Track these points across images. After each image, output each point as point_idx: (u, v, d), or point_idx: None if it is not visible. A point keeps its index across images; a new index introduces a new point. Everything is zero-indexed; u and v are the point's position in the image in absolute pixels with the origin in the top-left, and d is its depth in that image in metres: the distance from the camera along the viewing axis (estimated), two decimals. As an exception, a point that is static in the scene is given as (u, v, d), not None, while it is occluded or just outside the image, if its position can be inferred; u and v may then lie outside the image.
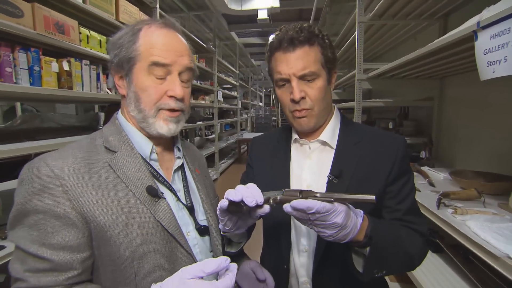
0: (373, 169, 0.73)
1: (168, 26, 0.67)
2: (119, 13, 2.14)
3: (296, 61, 0.70)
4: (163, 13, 2.95)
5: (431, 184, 1.60)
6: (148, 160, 0.68)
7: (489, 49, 0.88)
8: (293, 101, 0.73)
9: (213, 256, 0.74)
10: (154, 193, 0.63)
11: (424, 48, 1.39)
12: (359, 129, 0.81)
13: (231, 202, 0.59)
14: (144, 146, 0.68)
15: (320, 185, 0.75)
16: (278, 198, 0.59)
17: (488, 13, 0.89)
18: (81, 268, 0.57)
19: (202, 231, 0.71)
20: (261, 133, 1.04)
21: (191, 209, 0.71)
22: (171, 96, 0.65)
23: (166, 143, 0.73)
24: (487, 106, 1.72)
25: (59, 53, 1.64)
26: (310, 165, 0.79)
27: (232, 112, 8.00)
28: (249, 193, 0.58)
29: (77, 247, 0.57)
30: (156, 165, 0.69)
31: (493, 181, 1.42)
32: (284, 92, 0.75)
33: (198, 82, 4.49)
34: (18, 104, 3.27)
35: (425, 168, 1.91)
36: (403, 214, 0.73)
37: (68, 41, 1.62)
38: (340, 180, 0.72)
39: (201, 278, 0.50)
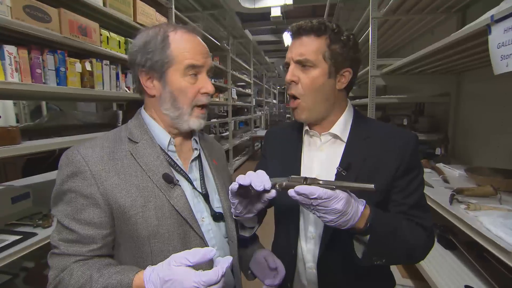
0: (381, 163, 0.75)
1: (191, 31, 0.74)
2: (137, 14, 2.23)
3: (298, 47, 0.75)
4: (178, 13, 3.02)
5: (446, 180, 1.58)
6: (166, 151, 0.74)
7: (503, 42, 0.87)
8: (288, 83, 0.77)
9: (228, 242, 0.80)
10: (169, 180, 0.69)
11: (439, 42, 1.37)
12: (371, 124, 0.83)
13: (240, 186, 0.64)
14: (163, 138, 0.75)
15: (329, 177, 0.77)
16: (284, 183, 0.63)
17: (505, 5, 0.88)
18: (101, 243, 0.66)
19: (217, 217, 0.77)
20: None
21: (206, 197, 0.77)
22: (204, 93, 0.73)
23: (185, 136, 0.79)
24: (506, 102, 1.67)
25: (82, 54, 1.74)
26: (321, 156, 0.81)
27: (246, 110, 8.05)
28: (258, 178, 0.63)
29: (100, 224, 0.65)
30: (174, 156, 0.76)
31: (511, 178, 1.38)
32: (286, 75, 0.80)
33: (213, 80, 4.56)
34: (43, 103, 3.47)
35: (440, 165, 1.88)
36: (409, 208, 0.75)
37: (90, 43, 1.71)
38: (349, 172, 0.74)
39: (190, 266, 0.55)
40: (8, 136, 1.27)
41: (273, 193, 0.65)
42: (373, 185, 0.57)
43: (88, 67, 1.73)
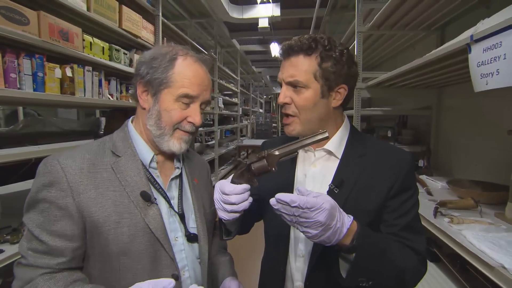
0: (375, 182, 0.73)
1: (201, 61, 0.75)
2: (123, 21, 2.18)
3: (288, 68, 0.74)
4: (165, 20, 3.00)
5: (429, 193, 1.61)
6: (147, 167, 0.73)
7: (482, 61, 0.90)
8: (279, 105, 0.77)
9: (200, 263, 0.78)
10: (147, 198, 0.68)
11: (421, 59, 1.41)
12: (366, 142, 0.81)
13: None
14: (146, 154, 0.74)
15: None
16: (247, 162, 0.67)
17: (482, 26, 0.92)
18: (71, 256, 0.65)
19: (191, 238, 0.76)
20: (263, 140, 1.06)
21: (182, 217, 0.76)
22: (189, 122, 0.73)
23: (167, 153, 0.78)
24: (484, 116, 1.74)
25: (63, 59, 1.67)
26: (314, 172, 0.80)
27: (232, 119, 8.03)
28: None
29: (72, 237, 0.64)
30: (155, 173, 0.75)
31: (489, 190, 1.43)
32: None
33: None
34: (20, 108, 3.30)
35: (423, 177, 1.92)
36: (400, 229, 0.72)
37: (72, 48, 1.65)
38: (341, 190, 0.73)
39: None
40: (-24, 144, 1.18)
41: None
42: (326, 132, 0.63)
43: (68, 72, 1.66)
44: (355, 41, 2.29)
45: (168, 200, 0.74)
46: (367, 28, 2.23)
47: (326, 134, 0.64)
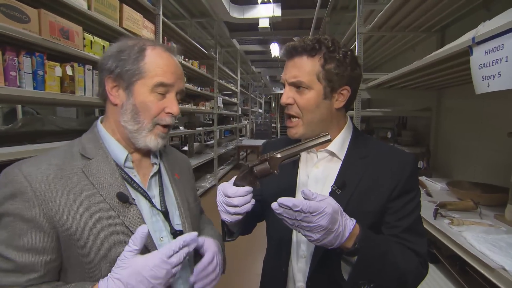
0: (377, 183, 0.73)
1: (170, 51, 0.73)
2: (123, 19, 2.18)
3: (291, 69, 0.74)
4: (166, 20, 2.99)
5: (429, 194, 1.61)
6: (122, 167, 0.70)
7: (484, 64, 0.90)
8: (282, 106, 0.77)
9: (188, 260, 0.75)
10: (124, 199, 0.65)
11: (422, 61, 1.42)
12: (369, 143, 0.80)
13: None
14: (119, 154, 0.70)
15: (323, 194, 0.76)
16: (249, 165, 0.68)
17: (483, 29, 0.92)
18: (44, 270, 0.59)
19: (177, 235, 0.72)
20: (262, 140, 1.06)
21: (166, 214, 0.73)
22: (168, 113, 0.71)
23: (143, 151, 0.74)
24: (484, 118, 1.74)
25: (63, 57, 1.67)
26: (316, 173, 0.79)
27: (231, 119, 8.03)
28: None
29: (43, 250, 0.59)
30: (132, 172, 0.72)
31: (489, 192, 1.43)
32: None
33: (199, 88, 4.52)
34: (19, 106, 3.29)
35: (422, 178, 1.92)
36: (401, 231, 0.72)
37: (72, 46, 1.64)
38: (343, 191, 0.72)
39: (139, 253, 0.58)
40: (-25, 142, 1.17)
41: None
42: (328, 135, 0.63)
43: (69, 71, 1.66)
44: (356, 42, 2.30)
45: (149, 199, 0.71)
46: (367, 29, 2.23)
47: (328, 137, 0.64)
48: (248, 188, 0.66)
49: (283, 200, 0.58)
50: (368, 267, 0.63)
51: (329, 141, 0.65)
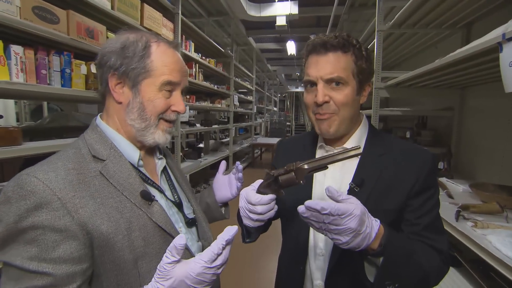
0: (396, 181, 0.73)
1: (174, 47, 0.72)
2: (144, 18, 2.24)
3: (325, 64, 0.71)
4: (184, 18, 3.04)
5: (450, 196, 1.56)
6: (136, 166, 0.70)
7: (515, 61, 0.87)
8: (316, 104, 0.73)
9: (203, 244, 0.78)
10: (148, 197, 0.65)
11: (446, 58, 1.37)
12: (386, 140, 0.80)
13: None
14: (132, 153, 0.70)
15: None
16: (274, 174, 0.66)
17: (514, 24, 0.88)
18: (82, 280, 0.57)
19: (190, 223, 0.76)
20: (277, 138, 1.06)
21: (180, 206, 0.75)
22: (174, 110, 0.71)
23: (147, 147, 0.75)
24: (510, 118, 1.67)
25: (88, 56, 1.73)
26: (334, 172, 0.79)
27: (247, 116, 8.07)
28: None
29: (79, 258, 0.57)
30: (143, 170, 0.73)
31: (516, 195, 1.37)
32: (309, 94, 0.76)
33: (215, 86, 4.57)
34: (45, 103, 3.45)
35: (443, 179, 1.87)
36: (422, 229, 0.71)
37: (96, 45, 1.71)
38: (362, 189, 0.72)
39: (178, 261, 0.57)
40: (10, 136, 1.25)
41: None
42: (360, 148, 0.61)
43: (93, 69, 1.72)
44: (375, 40, 2.25)
45: (164, 194, 0.73)
46: (388, 26, 2.18)
47: (360, 151, 0.62)
48: (271, 196, 0.66)
49: (310, 203, 0.57)
50: (394, 267, 0.62)
51: (360, 154, 0.63)
